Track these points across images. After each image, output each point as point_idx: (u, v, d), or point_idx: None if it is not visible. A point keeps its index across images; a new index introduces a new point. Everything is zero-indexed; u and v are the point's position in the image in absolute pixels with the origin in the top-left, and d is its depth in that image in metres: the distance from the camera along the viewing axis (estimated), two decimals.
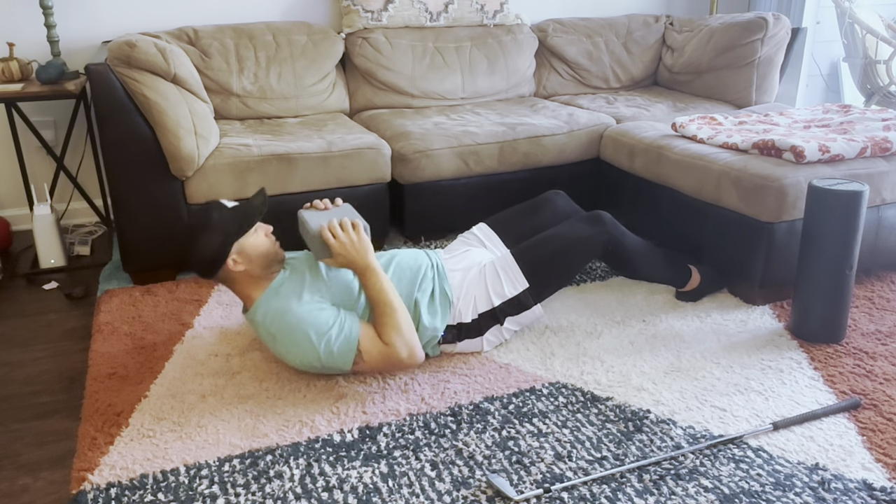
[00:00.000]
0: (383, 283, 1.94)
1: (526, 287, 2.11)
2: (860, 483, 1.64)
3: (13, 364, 2.21)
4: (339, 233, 1.92)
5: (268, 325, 1.93)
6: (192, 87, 2.62)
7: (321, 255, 1.96)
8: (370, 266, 1.93)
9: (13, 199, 3.30)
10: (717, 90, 3.48)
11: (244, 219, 1.96)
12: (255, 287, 1.98)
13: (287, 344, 1.91)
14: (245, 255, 1.94)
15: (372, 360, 1.92)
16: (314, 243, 1.96)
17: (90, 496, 1.62)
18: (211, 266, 1.94)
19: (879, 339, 2.23)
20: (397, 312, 1.93)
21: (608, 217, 2.21)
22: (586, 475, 1.66)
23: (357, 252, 1.92)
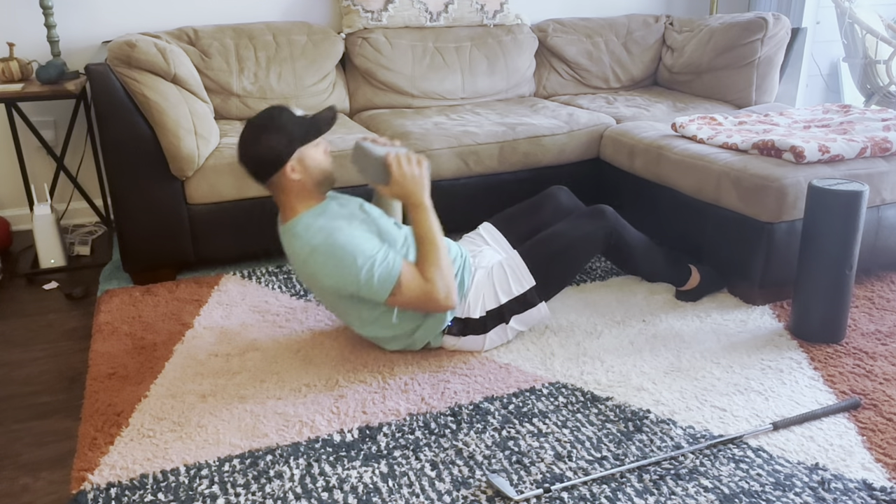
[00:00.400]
0: (433, 221, 1.96)
1: (532, 285, 2.12)
2: (860, 483, 1.64)
3: (13, 364, 2.21)
4: (403, 162, 1.93)
5: (309, 237, 1.92)
6: (192, 87, 2.62)
7: (378, 180, 1.96)
8: (424, 202, 1.95)
9: (13, 199, 3.30)
10: (717, 90, 3.48)
11: (311, 127, 1.95)
12: (302, 201, 1.97)
13: (327, 260, 1.90)
14: (303, 165, 1.94)
15: (409, 294, 1.92)
16: (375, 168, 1.95)
17: (90, 496, 1.62)
18: (269, 167, 1.92)
19: (879, 339, 2.23)
20: (441, 252, 1.95)
21: (610, 211, 2.21)
22: (586, 475, 1.66)
23: (416, 185, 1.94)
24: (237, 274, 2.71)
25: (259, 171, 1.95)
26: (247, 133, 1.94)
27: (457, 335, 2.11)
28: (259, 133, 1.91)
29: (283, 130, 1.91)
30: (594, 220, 2.19)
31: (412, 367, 2.10)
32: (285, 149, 1.91)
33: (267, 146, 1.90)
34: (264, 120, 1.93)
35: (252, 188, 2.63)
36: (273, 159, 1.91)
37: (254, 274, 2.70)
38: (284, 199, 1.99)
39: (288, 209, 1.99)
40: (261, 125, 1.92)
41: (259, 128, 1.92)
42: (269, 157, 1.91)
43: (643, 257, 2.30)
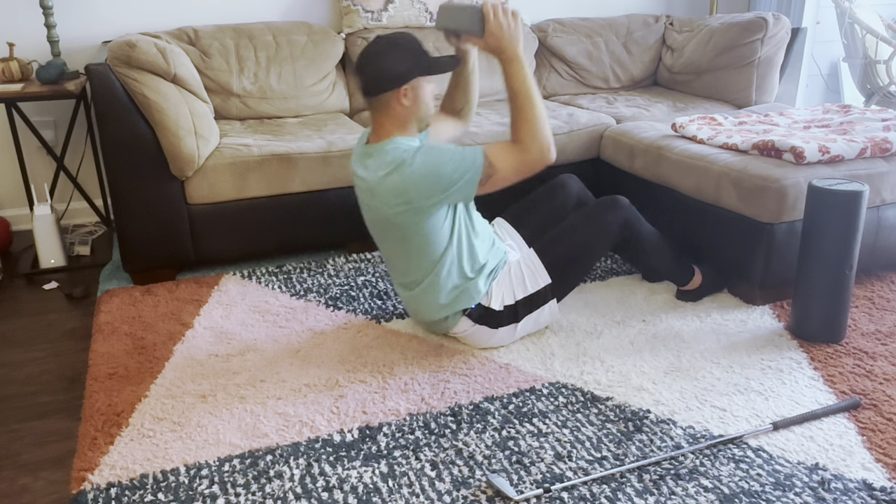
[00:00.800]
0: (528, 75, 1.94)
1: (548, 283, 2.13)
2: (860, 483, 1.64)
3: (13, 364, 2.21)
4: (500, 13, 1.92)
5: (400, 154, 1.92)
6: (192, 87, 2.62)
7: (473, 31, 1.94)
8: (518, 55, 1.94)
9: (13, 199, 3.30)
10: (717, 90, 3.48)
11: (435, 64, 1.97)
12: (398, 126, 1.98)
13: (418, 167, 1.90)
14: (415, 94, 1.95)
15: (504, 165, 1.93)
16: (470, 19, 1.93)
17: (90, 496, 1.62)
18: (387, 83, 1.92)
19: (879, 339, 2.23)
20: (536, 108, 1.93)
21: (625, 201, 2.22)
22: (586, 475, 1.66)
23: (512, 38, 1.92)
24: (237, 274, 2.71)
25: (375, 84, 1.94)
26: (375, 44, 1.94)
27: (473, 321, 2.11)
28: (390, 48, 1.92)
29: (412, 55, 1.93)
30: (610, 211, 2.19)
31: (412, 367, 2.10)
32: (408, 71, 1.92)
33: (393, 62, 1.91)
34: (397, 37, 1.94)
35: (252, 188, 2.63)
36: (394, 76, 1.92)
37: (254, 274, 2.70)
38: (384, 119, 1.99)
39: (382, 131, 2.00)
40: (394, 42, 1.93)
41: (392, 43, 1.93)
42: (391, 73, 1.91)
43: (654, 252, 2.30)
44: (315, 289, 2.58)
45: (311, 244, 2.83)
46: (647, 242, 2.27)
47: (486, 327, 2.13)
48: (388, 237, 2.06)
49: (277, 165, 2.64)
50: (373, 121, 2.03)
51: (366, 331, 2.30)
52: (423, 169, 1.91)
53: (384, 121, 1.99)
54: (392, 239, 2.05)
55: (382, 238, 2.09)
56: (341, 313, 2.42)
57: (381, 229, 2.06)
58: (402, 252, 2.06)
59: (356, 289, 2.58)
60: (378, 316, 2.39)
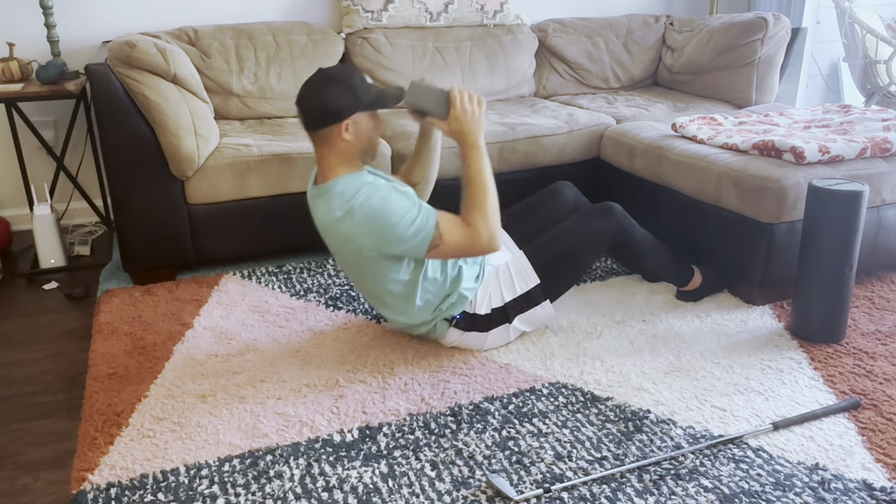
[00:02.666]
0: (485, 163, 1.96)
1: (537, 283, 2.12)
2: (860, 483, 1.64)
3: (13, 364, 2.21)
4: (465, 99, 1.94)
5: (347, 198, 1.91)
6: (192, 87, 2.62)
7: (438, 113, 1.96)
8: (479, 143, 1.95)
9: (13, 199, 3.30)
10: (717, 90, 3.48)
11: (377, 98, 1.95)
12: (344, 163, 1.97)
13: (366, 217, 1.90)
14: (357, 129, 1.93)
15: (451, 240, 1.93)
16: (436, 101, 1.95)
17: (90, 496, 1.62)
18: (327, 118, 1.91)
19: (879, 339, 2.23)
20: (489, 196, 1.95)
21: (618, 208, 2.21)
22: (586, 475, 1.66)
23: (474, 125, 1.94)
24: (237, 274, 2.71)
25: (314, 119, 1.93)
26: (315, 79, 1.93)
27: (462, 329, 2.11)
28: (329, 82, 1.91)
29: (351, 89, 1.91)
30: (602, 217, 2.19)
31: (412, 367, 2.10)
32: (348, 106, 1.91)
33: (333, 97, 1.89)
34: (337, 72, 1.93)
35: (252, 188, 2.63)
36: (334, 112, 1.90)
37: (254, 274, 2.70)
38: (327, 156, 1.97)
39: (328, 167, 1.98)
40: (333, 76, 1.92)
41: (331, 78, 1.91)
42: (330, 108, 1.90)
43: (650, 255, 2.30)
44: (315, 289, 2.58)
45: (311, 244, 2.82)
46: (642, 248, 2.26)
47: (477, 332, 2.13)
48: (349, 269, 2.07)
49: (277, 165, 2.64)
50: (317, 157, 2.00)
51: (366, 331, 2.30)
52: (372, 225, 1.90)
53: (328, 156, 1.97)
54: (353, 271, 2.06)
55: (344, 267, 2.09)
56: (341, 313, 2.42)
57: (341, 261, 2.07)
58: (368, 284, 2.06)
59: (356, 289, 2.58)
60: (378, 316, 2.39)
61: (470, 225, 1.94)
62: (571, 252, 2.15)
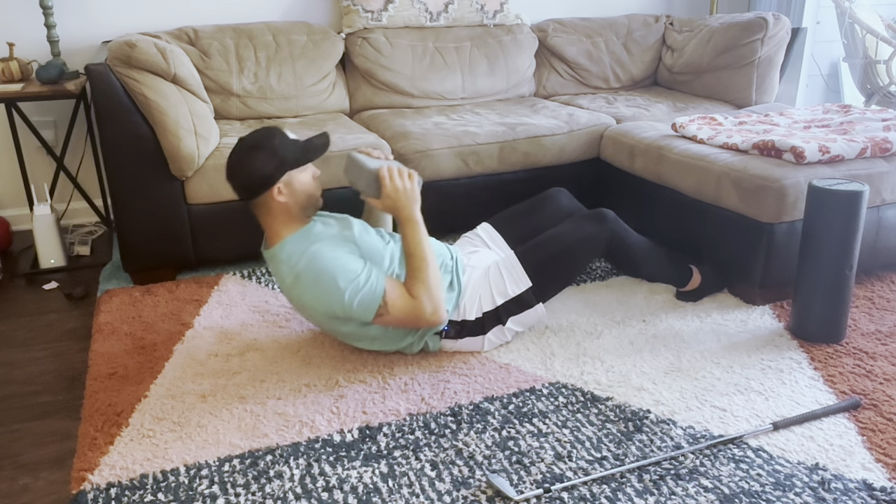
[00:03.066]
0: (423, 236, 1.96)
1: (529, 286, 2.11)
2: (860, 483, 1.64)
3: (13, 364, 2.21)
4: (395, 176, 1.94)
5: (293, 263, 1.92)
6: (192, 87, 2.62)
7: (370, 193, 1.96)
8: (414, 217, 1.95)
9: (13, 199, 3.30)
10: (717, 90, 3.48)
11: (302, 153, 1.95)
12: (286, 224, 1.97)
13: (312, 285, 1.91)
14: (291, 189, 1.93)
15: (396, 312, 1.93)
16: (367, 181, 1.95)
17: (90, 496, 1.62)
18: (257, 188, 1.91)
19: (879, 339, 2.23)
20: (430, 268, 1.95)
21: (611, 215, 2.21)
22: (586, 475, 1.66)
23: (407, 199, 1.94)
24: (237, 274, 2.71)
25: (246, 190, 1.94)
26: (238, 151, 1.93)
27: (454, 338, 2.11)
28: (250, 152, 1.90)
29: (275, 152, 1.90)
30: (595, 224, 2.18)
31: (412, 367, 2.10)
32: (275, 171, 1.90)
33: (257, 166, 1.89)
34: (257, 139, 1.92)
35: None
36: (262, 180, 1.90)
37: (254, 274, 2.70)
38: (269, 221, 1.98)
39: (272, 233, 1.99)
40: (253, 145, 1.91)
41: (251, 147, 1.91)
42: (258, 177, 1.90)
43: (645, 260, 2.29)
44: None
45: None
46: (637, 253, 2.26)
47: (471, 337, 2.12)
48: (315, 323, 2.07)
49: None
50: (260, 223, 2.01)
51: None
52: (317, 291, 1.91)
53: (270, 221, 1.97)
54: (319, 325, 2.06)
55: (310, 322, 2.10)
56: None
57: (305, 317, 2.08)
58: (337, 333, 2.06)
59: None
60: None
61: (414, 297, 1.93)
62: (563, 256, 2.15)
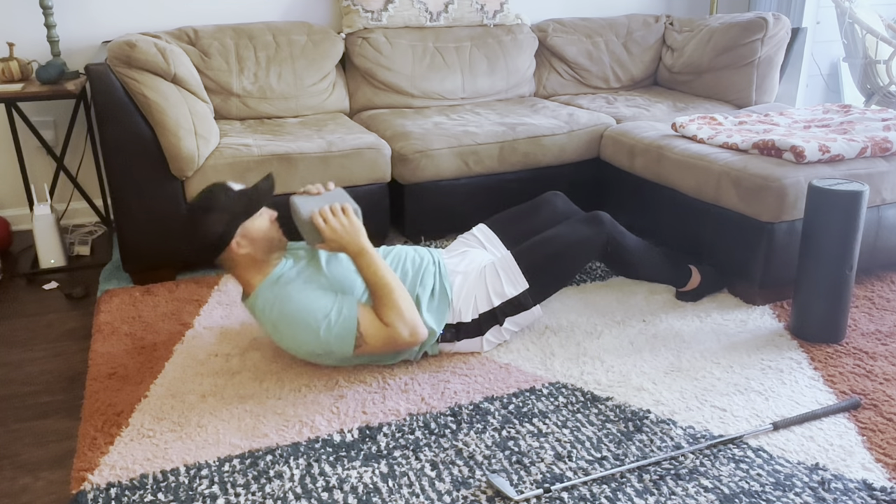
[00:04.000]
0: (377, 264, 1.94)
1: (526, 288, 2.11)
2: (860, 483, 1.64)
3: (13, 364, 2.21)
4: (329, 217, 1.92)
5: (268, 312, 1.94)
6: (192, 87, 2.62)
7: (314, 241, 1.96)
8: (363, 249, 1.94)
9: (13, 199, 3.30)
10: (717, 90, 3.48)
11: (250, 202, 1.95)
12: (255, 272, 1.97)
13: (288, 332, 1.92)
14: (249, 238, 1.94)
15: (373, 342, 1.92)
16: (306, 229, 1.95)
17: (90, 496, 1.62)
18: (215, 248, 1.93)
19: (879, 339, 2.23)
20: (395, 292, 1.93)
21: (607, 217, 2.20)
22: (586, 475, 1.66)
23: (349, 235, 1.92)
24: None
25: (207, 253, 1.95)
26: (191, 218, 1.94)
27: (451, 341, 2.11)
28: (201, 217, 1.91)
29: (223, 209, 1.91)
30: (592, 227, 2.18)
31: (412, 367, 2.10)
32: (228, 227, 1.91)
33: (210, 228, 1.90)
34: (203, 201, 1.92)
35: None
36: (218, 239, 1.91)
37: None
38: (239, 273, 1.98)
39: (244, 283, 2.00)
40: (200, 208, 1.92)
41: (199, 211, 1.92)
42: (213, 237, 1.91)
43: (642, 262, 2.29)
44: None
45: None
46: (633, 255, 2.25)
47: (469, 338, 2.12)
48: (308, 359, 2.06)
49: (277, 165, 2.64)
50: (232, 276, 2.02)
51: None
52: (295, 335, 1.92)
53: (239, 273, 1.98)
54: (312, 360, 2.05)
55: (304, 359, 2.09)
56: None
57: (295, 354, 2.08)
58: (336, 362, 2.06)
59: None
60: None
61: (388, 325, 1.92)
62: (559, 258, 2.14)
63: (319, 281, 1.97)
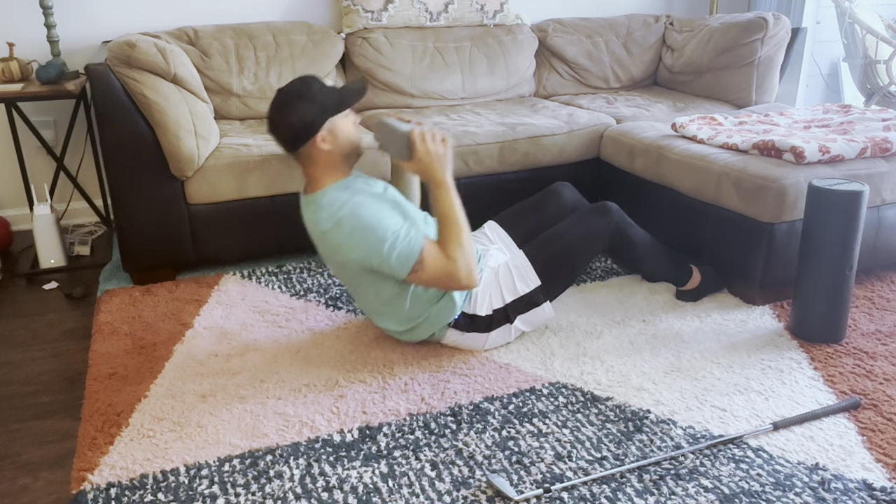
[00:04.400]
0: (455, 200, 1.95)
1: (538, 285, 2.12)
2: (860, 483, 1.64)
3: (13, 364, 2.21)
4: (428, 139, 1.93)
5: (335, 209, 1.91)
6: (192, 87, 2.62)
7: (402, 156, 1.96)
8: (446, 182, 1.95)
9: (13, 199, 3.30)
10: (717, 90, 3.48)
11: (342, 98, 1.94)
12: (329, 173, 1.97)
13: (351, 232, 1.90)
14: (333, 136, 1.93)
15: (431, 271, 1.92)
16: (399, 143, 1.95)
17: (90, 496, 1.62)
18: (300, 137, 1.91)
19: (879, 339, 2.23)
20: (464, 231, 1.95)
21: (615, 207, 2.21)
22: (586, 475, 1.66)
23: (439, 163, 1.93)
24: (237, 274, 2.71)
25: (290, 141, 1.93)
26: (278, 102, 1.92)
27: (461, 330, 2.11)
28: (291, 101, 1.90)
29: (315, 99, 1.90)
30: (599, 217, 2.19)
31: (412, 367, 2.10)
32: (317, 118, 1.90)
33: (299, 115, 1.89)
34: (296, 88, 1.91)
35: (252, 188, 2.63)
36: (304, 128, 1.90)
37: (254, 274, 2.70)
38: (312, 170, 1.97)
39: (314, 181, 1.98)
40: (293, 93, 1.90)
41: (291, 96, 1.90)
42: (300, 126, 1.89)
43: (647, 255, 2.30)
44: (315, 289, 2.58)
45: (311, 244, 2.82)
46: (640, 247, 2.26)
47: (477, 333, 2.12)
48: (341, 275, 2.07)
49: (277, 165, 2.64)
50: (302, 172, 2.01)
51: (366, 331, 2.30)
52: (356, 239, 1.90)
53: (313, 171, 1.98)
54: (345, 277, 2.06)
55: (336, 274, 2.09)
56: (341, 313, 2.42)
57: (331, 269, 2.08)
58: (359, 290, 2.07)
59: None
60: None
61: (450, 258, 1.92)
62: (570, 253, 2.16)
63: (391, 204, 1.97)
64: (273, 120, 1.93)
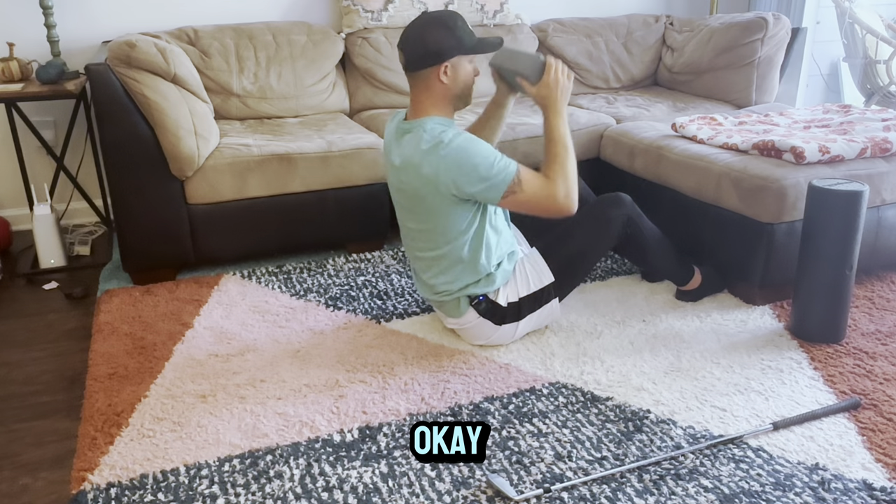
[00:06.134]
0: (567, 128, 2.02)
1: (551, 281, 2.14)
2: (860, 483, 1.64)
3: (13, 364, 2.21)
4: (559, 70, 2.01)
5: (437, 133, 1.96)
6: (192, 87, 2.62)
7: (530, 76, 2.02)
8: (563, 112, 2.02)
9: (13, 199, 3.30)
10: (717, 90, 3.48)
11: (480, 43, 2.01)
12: (438, 105, 2.02)
13: (451, 153, 1.93)
14: (455, 73, 1.99)
15: (529, 190, 1.96)
16: (530, 65, 2.02)
17: (90, 496, 1.62)
18: (426, 59, 1.96)
19: (879, 339, 2.23)
20: (570, 156, 2.01)
21: (628, 199, 2.22)
22: (586, 475, 1.66)
23: (562, 94, 2.01)
24: (237, 274, 2.71)
25: (416, 59, 1.97)
26: (421, 20, 1.98)
27: (479, 314, 2.12)
28: (433, 24, 1.96)
29: (455, 33, 1.96)
30: (613, 208, 2.20)
31: (412, 367, 2.10)
32: (449, 49, 1.96)
33: (435, 39, 1.95)
34: (442, 16, 1.98)
35: (252, 188, 2.63)
36: (434, 53, 1.95)
37: (254, 274, 2.70)
38: (423, 97, 2.02)
39: (420, 108, 2.03)
40: (438, 19, 1.97)
41: (436, 20, 1.97)
42: (432, 49, 1.95)
43: (657, 248, 2.30)
44: (315, 289, 2.59)
45: (311, 244, 2.83)
46: (650, 240, 2.27)
47: (490, 322, 2.13)
48: (413, 211, 2.07)
49: (277, 165, 2.64)
50: (412, 97, 2.06)
51: (366, 331, 2.30)
52: (456, 159, 1.93)
53: (423, 98, 2.02)
54: (416, 213, 2.06)
55: (407, 210, 2.10)
56: (341, 313, 2.42)
57: (408, 202, 2.07)
58: (424, 228, 2.07)
59: (356, 289, 2.58)
60: (378, 316, 2.39)
61: (550, 179, 1.98)
62: (583, 246, 2.18)
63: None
64: (408, 34, 1.98)
